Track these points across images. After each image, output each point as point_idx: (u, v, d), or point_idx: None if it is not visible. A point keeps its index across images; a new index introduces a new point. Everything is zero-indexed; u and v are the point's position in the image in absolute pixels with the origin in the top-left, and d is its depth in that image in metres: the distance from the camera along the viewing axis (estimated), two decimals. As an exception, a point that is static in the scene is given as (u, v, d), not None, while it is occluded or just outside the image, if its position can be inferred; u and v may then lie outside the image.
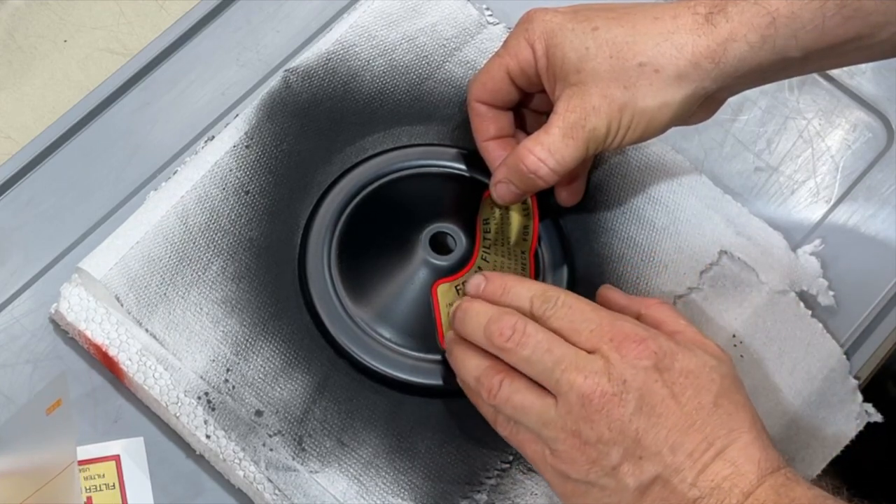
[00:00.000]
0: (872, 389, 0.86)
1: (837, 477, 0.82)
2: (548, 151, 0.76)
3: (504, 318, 0.72)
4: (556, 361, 0.70)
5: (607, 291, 0.78)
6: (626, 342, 0.70)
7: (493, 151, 0.82)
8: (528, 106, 0.84)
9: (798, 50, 0.75)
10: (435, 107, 0.88)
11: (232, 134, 0.85)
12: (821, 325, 0.84)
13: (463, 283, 0.81)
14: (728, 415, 0.69)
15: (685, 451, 0.68)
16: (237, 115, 0.86)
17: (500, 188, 0.80)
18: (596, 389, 0.68)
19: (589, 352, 0.70)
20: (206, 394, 0.77)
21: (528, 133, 0.84)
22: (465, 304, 0.75)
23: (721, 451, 0.68)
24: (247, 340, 0.79)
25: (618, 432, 0.68)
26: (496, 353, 0.72)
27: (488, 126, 0.82)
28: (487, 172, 0.83)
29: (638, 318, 0.75)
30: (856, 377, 0.84)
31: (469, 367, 0.74)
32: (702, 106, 0.78)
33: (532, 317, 0.72)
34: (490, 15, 0.92)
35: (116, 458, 0.78)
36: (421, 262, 0.81)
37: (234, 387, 0.78)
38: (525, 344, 0.71)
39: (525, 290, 0.74)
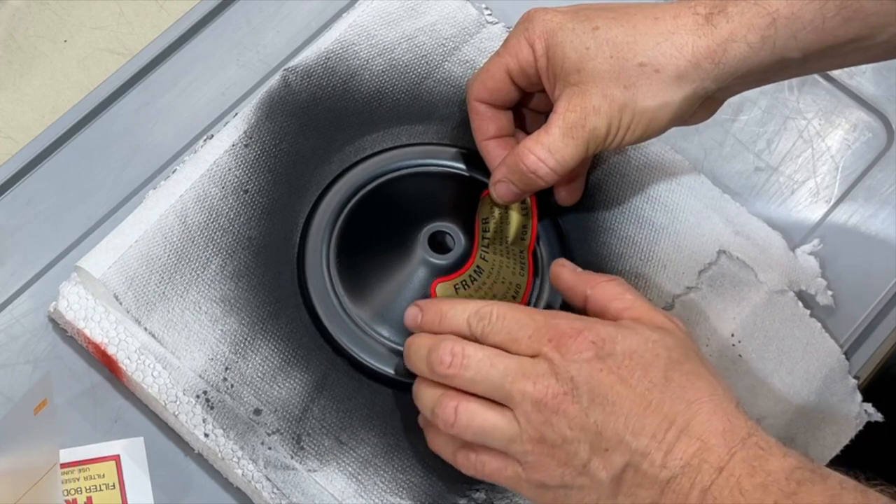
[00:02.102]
0: (872, 389, 0.86)
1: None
2: (548, 151, 0.76)
3: (441, 345, 0.72)
4: (501, 375, 0.70)
5: (559, 268, 0.78)
6: (564, 339, 0.69)
7: (492, 150, 0.82)
8: (528, 105, 0.84)
9: (798, 51, 0.75)
10: (434, 106, 0.88)
11: (231, 133, 0.85)
12: (819, 324, 0.84)
13: (462, 283, 0.81)
14: (681, 387, 0.68)
15: (647, 434, 0.67)
16: (236, 114, 0.86)
17: (499, 187, 0.80)
18: (547, 392, 0.68)
19: (532, 357, 0.70)
20: (205, 392, 0.77)
21: (528, 132, 0.84)
22: (408, 340, 0.75)
23: (684, 428, 0.67)
24: (245, 339, 0.79)
25: (579, 429, 0.68)
26: (442, 381, 0.72)
27: (488, 125, 0.82)
28: (486, 171, 0.83)
29: (585, 298, 0.74)
30: (855, 377, 0.84)
31: (424, 400, 0.73)
32: (702, 106, 0.78)
33: (472, 337, 0.72)
34: (489, 14, 0.92)
35: (116, 458, 0.78)
36: (420, 261, 0.81)
37: (232, 385, 0.78)
38: (466, 366, 0.71)
39: (460, 313, 0.73)
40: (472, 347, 0.71)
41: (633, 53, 0.75)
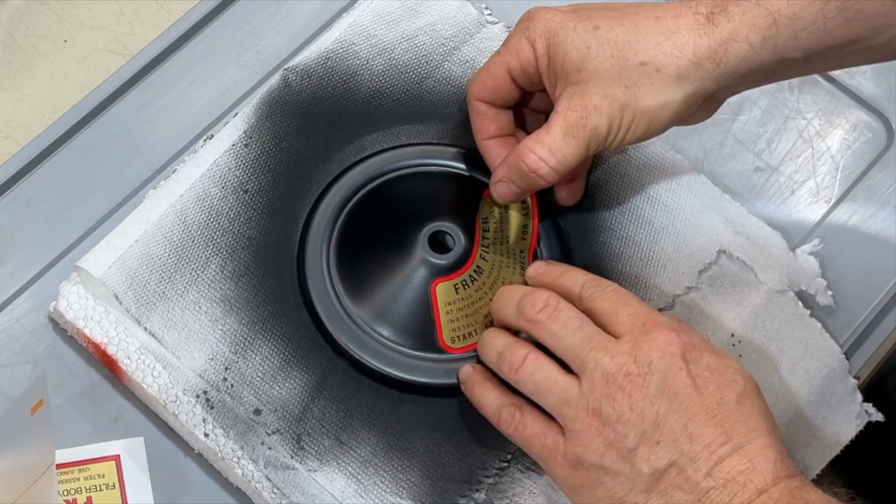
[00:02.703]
0: (872, 389, 0.86)
1: (838, 477, 0.82)
2: (549, 150, 0.76)
3: (538, 292, 0.74)
4: (584, 338, 0.71)
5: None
6: (659, 328, 0.71)
7: (492, 150, 0.82)
8: (528, 105, 0.84)
9: (799, 51, 0.75)
10: (434, 106, 0.88)
11: (231, 133, 0.85)
12: (819, 324, 0.84)
13: (462, 282, 0.81)
14: (749, 415, 0.69)
15: (703, 442, 0.68)
16: (236, 114, 0.86)
17: (500, 187, 0.80)
18: (621, 368, 0.69)
19: (618, 338, 0.71)
20: (205, 392, 0.77)
21: (528, 132, 0.84)
22: (502, 288, 0.77)
23: (738, 448, 0.68)
24: (245, 339, 0.79)
25: (638, 413, 0.68)
26: (526, 327, 0.74)
27: (488, 125, 0.82)
28: (486, 171, 0.83)
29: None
30: (855, 377, 0.84)
31: (495, 344, 0.75)
32: (702, 106, 0.78)
33: (580, 298, 0.74)
34: (489, 14, 0.92)
35: (116, 458, 0.78)
36: (420, 260, 0.81)
37: (232, 385, 0.78)
38: (556, 318, 0.72)
39: (580, 276, 0.76)
40: (567, 305, 0.73)
41: (634, 53, 0.75)
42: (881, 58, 0.78)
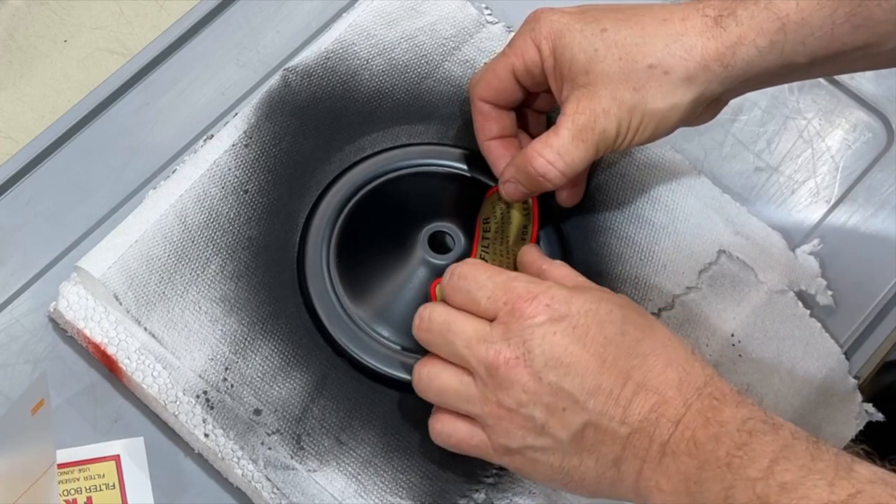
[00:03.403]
0: (872, 389, 0.86)
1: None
2: (557, 154, 0.76)
3: (417, 312, 0.74)
4: (459, 339, 0.71)
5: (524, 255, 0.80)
6: (519, 303, 0.70)
7: (495, 151, 0.82)
8: (531, 106, 0.84)
9: (805, 56, 0.75)
10: (434, 106, 0.88)
11: (231, 133, 0.85)
12: (819, 324, 0.84)
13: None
14: (636, 341, 0.69)
15: (604, 392, 0.68)
16: (236, 114, 0.86)
17: (507, 187, 0.80)
18: (499, 357, 0.69)
19: (490, 320, 0.71)
20: (205, 392, 0.77)
21: (529, 132, 0.84)
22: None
23: (640, 382, 0.68)
24: (245, 339, 0.79)
25: (532, 393, 0.69)
26: (422, 345, 0.74)
27: (491, 125, 0.82)
28: (486, 172, 0.83)
29: (539, 275, 0.75)
30: (855, 377, 0.84)
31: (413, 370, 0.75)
32: (707, 107, 0.78)
33: (444, 297, 0.74)
34: (489, 14, 0.92)
35: (116, 458, 0.78)
36: (420, 260, 0.81)
37: (232, 385, 0.78)
38: (430, 329, 0.73)
39: (445, 275, 0.75)
40: (439, 310, 0.73)
41: (642, 55, 0.75)
42: (886, 64, 0.78)
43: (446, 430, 0.73)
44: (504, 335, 0.70)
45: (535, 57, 0.78)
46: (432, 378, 0.72)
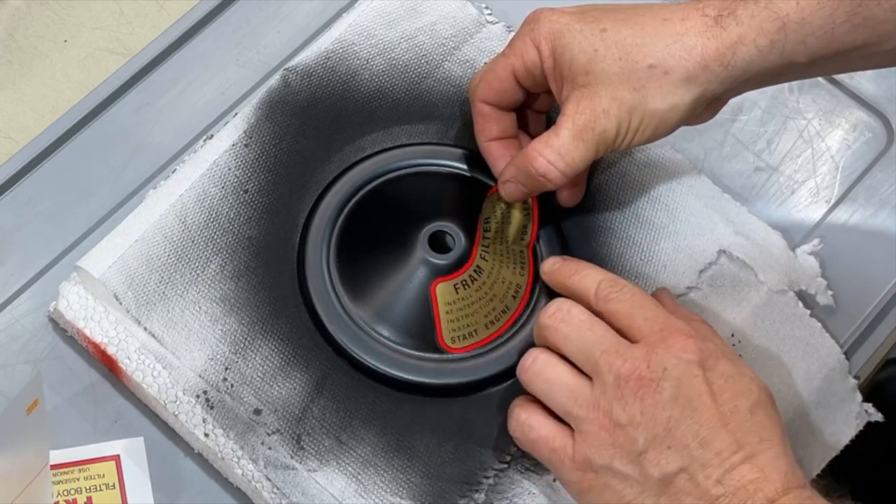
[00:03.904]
0: (872, 389, 0.86)
1: (835, 478, 0.82)
2: (557, 154, 0.76)
3: (553, 300, 0.74)
4: (595, 341, 0.71)
5: (662, 295, 0.79)
6: (675, 334, 0.71)
7: (495, 152, 0.82)
8: (531, 106, 0.84)
9: (805, 55, 0.75)
10: (434, 106, 0.88)
11: (231, 132, 0.85)
12: (819, 324, 0.84)
13: (462, 282, 0.81)
14: (761, 425, 0.69)
15: (714, 449, 0.68)
16: (236, 114, 0.86)
17: (507, 187, 0.80)
18: (634, 372, 0.69)
19: (631, 342, 0.71)
20: (205, 392, 0.77)
21: (529, 133, 0.84)
22: None
23: (750, 457, 0.68)
24: (245, 339, 0.79)
25: (649, 417, 0.68)
26: (539, 333, 0.74)
27: (491, 126, 0.82)
28: (486, 172, 0.83)
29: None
30: (855, 377, 0.84)
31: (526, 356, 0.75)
32: (707, 107, 0.78)
33: (595, 299, 0.74)
34: (489, 14, 0.92)
35: (116, 458, 0.78)
36: (420, 260, 0.81)
37: (232, 385, 0.78)
38: (567, 321, 0.73)
39: (595, 274, 0.76)
40: (579, 308, 0.73)
41: (642, 55, 0.75)
42: (886, 63, 0.78)
43: (531, 421, 0.73)
44: (646, 356, 0.70)
45: (535, 57, 0.78)
46: (546, 367, 0.72)
